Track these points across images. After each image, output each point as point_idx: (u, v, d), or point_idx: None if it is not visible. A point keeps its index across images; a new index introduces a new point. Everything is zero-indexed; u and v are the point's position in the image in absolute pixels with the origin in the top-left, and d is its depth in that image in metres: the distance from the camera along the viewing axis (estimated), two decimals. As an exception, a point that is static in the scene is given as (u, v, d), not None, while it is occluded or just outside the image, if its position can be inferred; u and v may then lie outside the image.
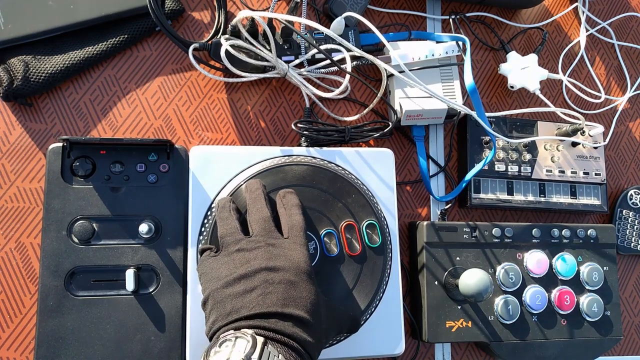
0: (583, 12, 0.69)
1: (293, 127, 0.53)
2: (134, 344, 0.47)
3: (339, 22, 0.56)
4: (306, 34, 0.57)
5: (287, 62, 0.56)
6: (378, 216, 0.50)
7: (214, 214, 0.48)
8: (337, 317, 0.43)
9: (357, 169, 0.52)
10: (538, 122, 0.62)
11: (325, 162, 0.51)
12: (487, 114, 0.59)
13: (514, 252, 0.57)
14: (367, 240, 0.49)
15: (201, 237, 0.48)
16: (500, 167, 0.60)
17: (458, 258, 0.55)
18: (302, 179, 0.49)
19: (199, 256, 0.46)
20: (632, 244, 0.64)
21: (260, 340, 0.34)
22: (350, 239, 0.49)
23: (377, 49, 0.60)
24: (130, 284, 0.47)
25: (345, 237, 0.49)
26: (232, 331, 0.35)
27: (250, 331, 0.35)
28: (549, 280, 0.57)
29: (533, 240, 0.57)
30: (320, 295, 0.40)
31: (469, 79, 0.55)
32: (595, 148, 0.63)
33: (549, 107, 0.63)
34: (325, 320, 0.40)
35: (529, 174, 0.60)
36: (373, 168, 0.53)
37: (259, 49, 0.53)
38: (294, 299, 0.37)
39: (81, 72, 0.54)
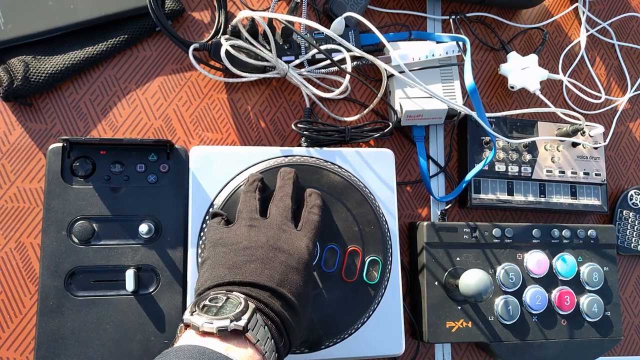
0: (583, 12, 0.69)
1: (293, 127, 0.53)
2: (134, 344, 0.47)
3: (339, 22, 0.56)
4: (306, 34, 0.57)
5: (287, 62, 0.56)
6: (385, 255, 0.50)
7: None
8: (310, 325, 0.43)
9: (357, 169, 0.52)
10: (538, 122, 0.62)
11: (339, 168, 0.51)
12: (487, 114, 0.59)
13: (514, 253, 0.57)
14: (365, 274, 0.49)
15: (201, 236, 0.48)
16: (500, 167, 0.60)
17: (458, 258, 0.55)
18: (301, 180, 0.49)
19: (208, 219, 0.46)
20: (632, 244, 0.64)
21: (251, 306, 0.34)
22: (350, 265, 0.49)
23: (377, 49, 0.60)
24: (130, 284, 0.47)
25: (347, 260, 0.49)
26: (224, 291, 0.36)
27: (243, 295, 0.35)
28: (549, 280, 0.57)
29: (533, 241, 0.57)
30: (311, 291, 0.40)
31: (469, 79, 0.55)
32: (596, 148, 0.63)
33: (549, 107, 0.63)
34: (306, 319, 0.40)
35: (529, 175, 0.60)
36: (373, 168, 0.53)
37: (259, 49, 0.53)
38: (289, 283, 0.38)
39: (81, 72, 0.54)
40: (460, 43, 0.60)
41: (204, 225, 0.48)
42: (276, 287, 0.37)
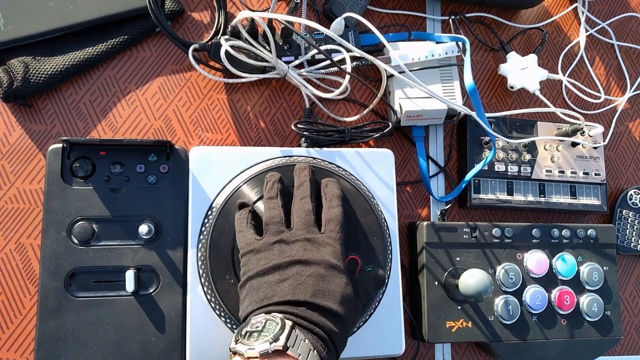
0: (583, 12, 0.69)
1: (293, 127, 0.53)
2: (134, 345, 0.47)
3: (338, 23, 0.56)
4: (306, 34, 0.57)
5: (287, 62, 0.56)
6: (385, 256, 0.49)
7: (214, 214, 0.48)
8: (363, 290, 0.44)
9: (357, 169, 0.52)
10: (538, 122, 0.62)
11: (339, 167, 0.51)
12: (487, 114, 0.59)
13: (514, 252, 0.57)
14: None
15: (201, 237, 0.48)
16: (500, 167, 0.60)
17: (458, 258, 0.55)
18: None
19: (236, 210, 0.46)
20: (632, 244, 0.64)
21: (288, 323, 0.36)
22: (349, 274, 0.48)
23: (377, 50, 0.60)
24: (130, 285, 0.47)
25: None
26: (263, 314, 0.38)
27: (279, 315, 0.37)
28: (549, 280, 0.57)
29: (533, 241, 0.57)
30: (350, 287, 0.41)
31: (468, 80, 0.55)
32: (595, 148, 0.63)
33: (549, 107, 0.63)
34: (354, 309, 0.41)
35: (529, 174, 0.60)
36: (373, 168, 0.53)
37: (259, 50, 0.53)
38: (322, 292, 0.39)
39: (81, 73, 0.54)
40: (460, 43, 0.60)
41: (204, 226, 0.48)
42: (311, 300, 0.38)
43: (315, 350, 0.36)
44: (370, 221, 0.50)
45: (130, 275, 0.47)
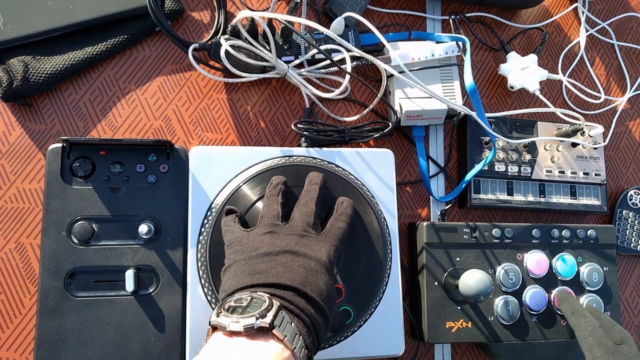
0: (583, 12, 0.69)
1: (293, 127, 0.53)
2: (133, 345, 0.47)
3: (338, 23, 0.56)
4: (306, 34, 0.57)
5: (287, 62, 0.56)
6: (385, 256, 0.50)
7: (214, 214, 0.48)
8: (335, 314, 0.43)
9: (357, 169, 0.52)
10: (538, 122, 0.62)
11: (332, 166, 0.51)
12: (487, 115, 0.59)
13: (513, 253, 0.57)
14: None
15: (201, 237, 0.48)
16: (500, 167, 0.60)
17: (458, 258, 0.55)
18: (301, 180, 0.49)
19: (223, 216, 0.46)
20: (632, 244, 0.64)
21: (276, 303, 0.35)
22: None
23: (377, 49, 0.60)
24: (130, 285, 0.47)
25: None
26: (248, 292, 0.36)
27: (266, 294, 0.36)
28: (549, 280, 0.57)
29: (533, 241, 0.57)
30: (334, 290, 0.41)
31: (468, 79, 0.55)
32: (595, 148, 0.63)
33: (549, 107, 0.63)
34: (331, 318, 0.41)
35: (529, 175, 0.60)
36: (373, 168, 0.53)
37: (259, 49, 0.53)
38: (311, 284, 0.38)
39: (81, 73, 0.54)
40: (460, 43, 0.60)
41: (204, 226, 0.48)
42: (300, 287, 0.37)
43: (300, 336, 0.35)
44: (364, 211, 0.50)
45: (130, 275, 0.47)
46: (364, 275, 0.49)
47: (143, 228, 0.48)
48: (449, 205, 0.60)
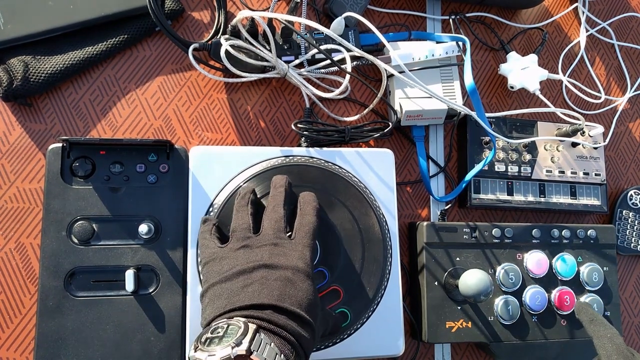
0: (583, 12, 0.69)
1: (293, 127, 0.53)
2: (133, 345, 0.47)
3: (339, 22, 0.56)
4: (306, 34, 0.57)
5: (287, 62, 0.56)
6: (385, 256, 0.50)
7: (214, 213, 0.48)
8: (326, 315, 0.43)
9: (357, 169, 0.52)
10: (538, 122, 0.62)
11: (330, 163, 0.51)
12: (487, 114, 0.59)
13: (513, 253, 0.57)
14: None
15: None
16: (500, 167, 0.60)
17: (458, 258, 0.55)
18: (301, 180, 0.49)
19: (200, 225, 0.46)
20: (632, 245, 0.64)
21: (252, 327, 0.34)
22: (328, 300, 0.48)
23: (377, 49, 0.60)
24: (130, 285, 0.47)
25: (327, 294, 0.48)
26: (225, 320, 0.36)
27: (243, 319, 0.35)
28: (549, 280, 0.57)
29: (533, 241, 0.57)
30: (316, 295, 0.40)
31: (469, 79, 0.55)
32: (595, 148, 0.63)
33: (549, 107, 0.63)
34: (320, 319, 0.40)
35: (529, 175, 0.60)
36: (373, 168, 0.53)
37: (259, 49, 0.53)
38: (289, 296, 0.38)
39: (81, 72, 0.54)
40: (460, 43, 0.60)
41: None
42: (277, 303, 0.37)
43: (282, 355, 0.34)
44: (364, 210, 0.50)
45: (130, 275, 0.47)
46: (363, 275, 0.49)
47: (143, 228, 0.48)
48: (449, 205, 0.60)
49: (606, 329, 0.49)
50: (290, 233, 0.43)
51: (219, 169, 0.49)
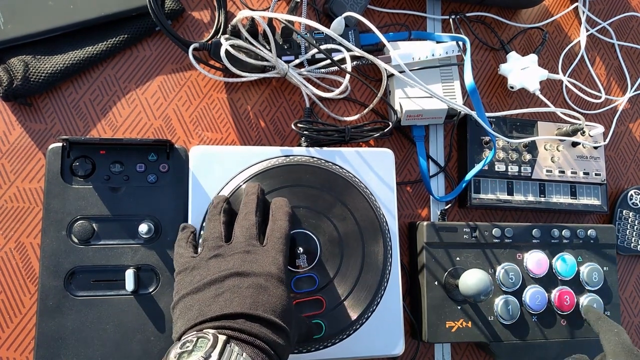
0: (583, 12, 0.69)
1: (293, 127, 0.53)
2: (133, 344, 0.47)
3: (339, 22, 0.56)
4: (306, 33, 0.57)
5: (287, 62, 0.56)
6: (386, 256, 0.50)
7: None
8: (300, 321, 0.43)
9: (357, 169, 0.52)
10: (538, 122, 0.62)
11: (329, 163, 0.51)
12: (487, 114, 0.59)
13: (514, 253, 0.57)
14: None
15: (201, 236, 0.48)
16: (500, 167, 0.60)
17: (458, 258, 0.55)
18: (301, 179, 0.49)
19: (179, 232, 0.46)
20: (632, 244, 0.64)
21: (222, 338, 0.33)
22: (309, 307, 0.48)
23: (377, 49, 0.60)
24: (130, 284, 0.47)
25: (309, 301, 0.48)
26: (194, 333, 0.35)
27: (212, 331, 0.34)
28: (549, 280, 0.57)
29: (533, 241, 0.57)
30: (290, 300, 0.40)
31: (469, 79, 0.55)
32: (596, 148, 0.63)
33: (549, 107, 0.63)
34: (294, 324, 0.40)
35: (529, 174, 0.60)
36: (373, 168, 0.53)
37: (259, 49, 0.53)
38: (262, 303, 0.37)
39: (81, 72, 0.54)
40: (460, 43, 0.60)
41: (203, 226, 0.48)
42: (249, 311, 0.36)
43: None
44: (364, 210, 0.50)
45: (130, 275, 0.47)
46: (363, 275, 0.49)
47: (143, 227, 0.48)
48: (449, 205, 0.60)
49: (613, 325, 0.49)
50: (263, 240, 0.42)
51: (219, 169, 0.49)
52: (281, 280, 0.39)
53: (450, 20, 0.64)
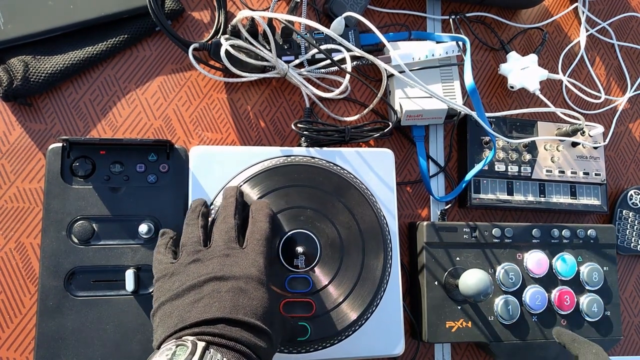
0: (583, 12, 0.69)
1: (293, 127, 0.53)
2: (133, 344, 0.47)
3: (339, 22, 0.56)
4: (306, 34, 0.57)
5: (287, 62, 0.56)
6: (386, 257, 0.50)
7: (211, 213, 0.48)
8: (284, 321, 0.42)
9: (357, 169, 0.52)
10: (538, 122, 0.62)
11: (328, 163, 0.51)
12: (487, 114, 0.59)
13: (514, 253, 0.57)
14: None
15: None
16: (500, 167, 0.60)
17: (458, 258, 0.55)
18: (301, 179, 0.49)
19: (158, 237, 0.45)
20: (632, 244, 0.64)
21: (201, 345, 0.33)
22: (297, 309, 0.48)
23: (377, 49, 0.60)
24: (130, 284, 0.47)
25: (298, 303, 0.48)
26: (174, 341, 0.34)
27: (191, 337, 0.34)
28: (549, 280, 0.57)
29: (533, 241, 0.57)
30: (272, 301, 0.39)
31: (469, 79, 0.55)
32: (595, 148, 0.63)
33: (549, 107, 0.63)
34: (277, 325, 0.39)
35: (529, 174, 0.60)
36: (373, 168, 0.53)
37: (259, 49, 0.53)
38: (243, 307, 0.37)
39: (81, 72, 0.54)
40: (460, 43, 0.60)
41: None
42: (229, 316, 0.36)
43: None
44: (364, 210, 0.50)
45: (130, 275, 0.47)
46: (364, 275, 0.49)
47: (143, 228, 0.48)
48: (449, 205, 0.60)
49: (590, 345, 0.48)
50: (243, 242, 0.42)
51: (219, 169, 0.49)
52: (261, 282, 0.39)
53: (450, 20, 0.64)
